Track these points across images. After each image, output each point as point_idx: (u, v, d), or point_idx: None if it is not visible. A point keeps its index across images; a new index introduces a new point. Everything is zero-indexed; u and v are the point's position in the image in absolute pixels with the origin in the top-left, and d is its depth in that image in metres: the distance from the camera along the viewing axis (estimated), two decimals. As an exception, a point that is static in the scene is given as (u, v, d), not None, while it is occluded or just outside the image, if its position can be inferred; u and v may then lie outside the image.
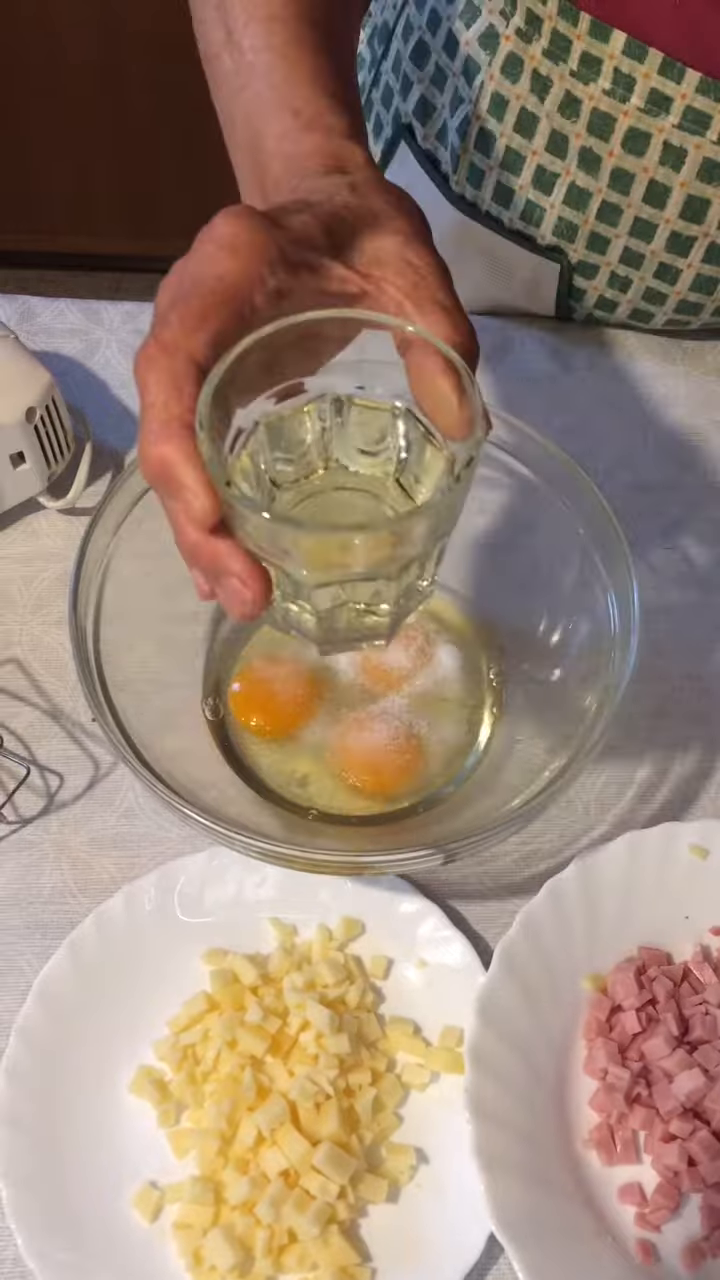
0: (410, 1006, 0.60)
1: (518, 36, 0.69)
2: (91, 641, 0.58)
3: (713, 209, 0.70)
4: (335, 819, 0.63)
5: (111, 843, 0.64)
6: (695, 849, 0.62)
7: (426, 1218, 0.54)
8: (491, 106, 0.73)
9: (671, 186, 0.70)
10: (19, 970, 0.60)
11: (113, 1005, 0.59)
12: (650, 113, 0.67)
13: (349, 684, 0.65)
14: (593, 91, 0.68)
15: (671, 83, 0.65)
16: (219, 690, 0.66)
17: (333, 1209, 0.53)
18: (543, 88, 0.70)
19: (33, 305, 0.84)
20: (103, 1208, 0.54)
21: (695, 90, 0.65)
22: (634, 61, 0.66)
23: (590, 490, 0.62)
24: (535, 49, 0.69)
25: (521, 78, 0.71)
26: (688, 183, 0.69)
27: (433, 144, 0.80)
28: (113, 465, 0.76)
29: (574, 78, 0.68)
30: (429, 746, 0.64)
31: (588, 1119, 0.57)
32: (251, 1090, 0.55)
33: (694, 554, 0.75)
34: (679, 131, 0.67)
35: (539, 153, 0.73)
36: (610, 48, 0.66)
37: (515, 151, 0.74)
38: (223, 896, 0.61)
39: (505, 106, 0.72)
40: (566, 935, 0.60)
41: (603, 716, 0.57)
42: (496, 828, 0.54)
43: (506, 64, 0.71)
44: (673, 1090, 0.56)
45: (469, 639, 0.68)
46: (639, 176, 0.70)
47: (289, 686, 0.65)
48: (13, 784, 0.65)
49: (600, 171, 0.71)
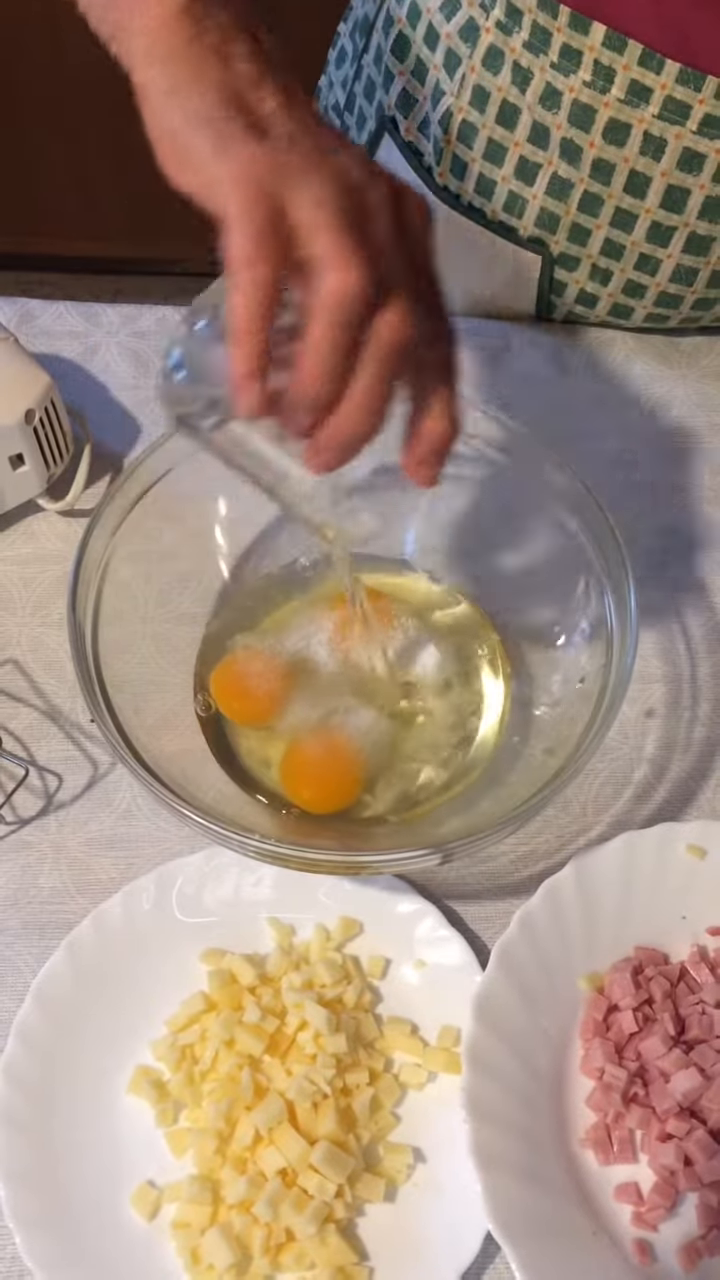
0: (408, 1006, 0.60)
1: (498, 29, 0.70)
2: (90, 643, 0.59)
3: (692, 198, 0.71)
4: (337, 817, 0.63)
5: (109, 843, 0.64)
6: (692, 849, 0.62)
7: (424, 1217, 0.55)
8: (473, 98, 0.73)
9: (652, 176, 0.71)
10: (17, 970, 0.61)
11: (111, 1005, 0.59)
12: (630, 104, 0.68)
13: (329, 675, 0.66)
14: (573, 83, 0.69)
15: (651, 73, 0.66)
16: (207, 686, 0.66)
17: (330, 1208, 0.53)
18: (523, 80, 0.71)
19: (32, 308, 0.84)
20: (101, 1207, 0.54)
21: (675, 80, 0.66)
22: (614, 53, 0.66)
23: (587, 493, 0.62)
24: (516, 41, 0.69)
25: (502, 70, 0.71)
26: (668, 172, 0.70)
27: (415, 136, 0.80)
28: (111, 467, 0.77)
29: (554, 70, 0.69)
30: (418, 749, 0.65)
31: (584, 1118, 0.57)
32: (249, 1090, 0.56)
33: (691, 556, 0.75)
34: (659, 122, 0.68)
35: (520, 144, 0.73)
36: (590, 40, 0.66)
37: (497, 143, 0.74)
38: (221, 896, 0.62)
39: (487, 98, 0.73)
40: (564, 935, 0.60)
41: (600, 717, 0.57)
42: (494, 828, 0.55)
43: (487, 56, 0.71)
44: (669, 1090, 0.56)
45: (469, 636, 0.68)
46: (619, 166, 0.71)
47: (268, 675, 0.65)
48: (11, 784, 0.65)
49: (581, 162, 0.72)
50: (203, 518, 0.69)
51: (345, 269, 0.41)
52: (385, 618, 0.67)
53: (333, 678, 0.66)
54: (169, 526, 0.66)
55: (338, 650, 0.66)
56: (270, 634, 0.67)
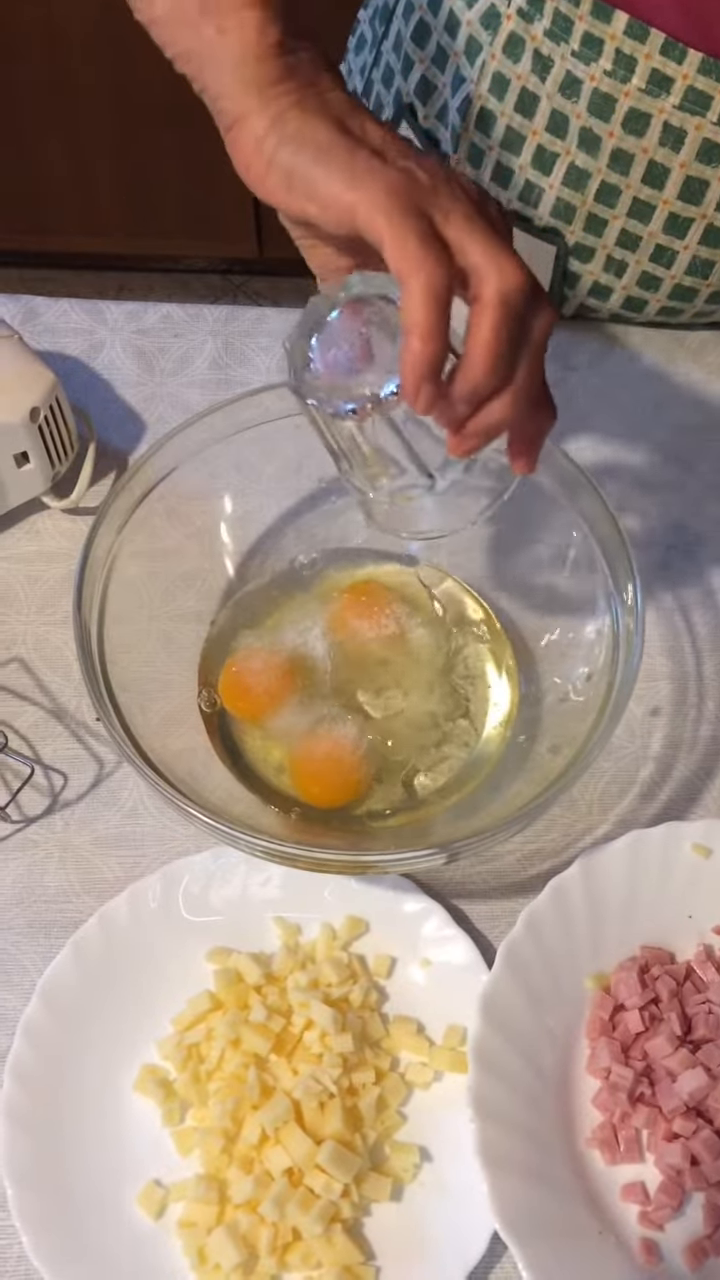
0: (413, 1005, 0.60)
1: (519, 16, 0.70)
2: (96, 641, 0.59)
3: (711, 190, 0.71)
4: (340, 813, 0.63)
5: (115, 842, 0.64)
6: (698, 848, 0.62)
7: (430, 1216, 0.54)
8: (492, 86, 0.73)
9: (671, 167, 0.70)
10: (23, 969, 0.61)
11: (117, 1004, 0.59)
12: (651, 93, 0.68)
13: (334, 672, 0.66)
14: (594, 72, 0.68)
15: (673, 63, 0.66)
16: (212, 681, 0.66)
17: (337, 1207, 0.53)
18: (544, 68, 0.70)
19: (36, 305, 0.84)
20: (107, 1206, 0.54)
21: (697, 71, 0.66)
22: (635, 42, 0.66)
23: (593, 490, 0.62)
24: (537, 29, 0.69)
25: (523, 58, 0.71)
26: (687, 163, 0.70)
27: (433, 123, 0.80)
28: (116, 465, 0.77)
29: (575, 58, 0.69)
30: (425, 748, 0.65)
31: (591, 1118, 0.57)
32: (255, 1089, 0.56)
33: (697, 552, 0.75)
34: (679, 112, 0.68)
35: (539, 133, 0.73)
36: (612, 28, 0.66)
37: (515, 131, 0.74)
38: (227, 896, 0.62)
39: (506, 86, 0.73)
40: (569, 934, 0.60)
41: (606, 716, 0.57)
42: (500, 827, 0.55)
43: (508, 44, 0.71)
44: (675, 1089, 0.56)
45: (474, 634, 0.68)
46: (638, 157, 0.71)
47: (273, 671, 0.65)
48: (17, 783, 0.65)
49: (600, 152, 0.72)
50: (208, 516, 0.69)
51: (510, 271, 0.45)
52: (389, 612, 0.67)
53: (337, 674, 0.66)
54: (174, 524, 0.66)
55: (342, 647, 0.66)
56: (275, 631, 0.67)
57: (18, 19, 1.63)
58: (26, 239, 1.98)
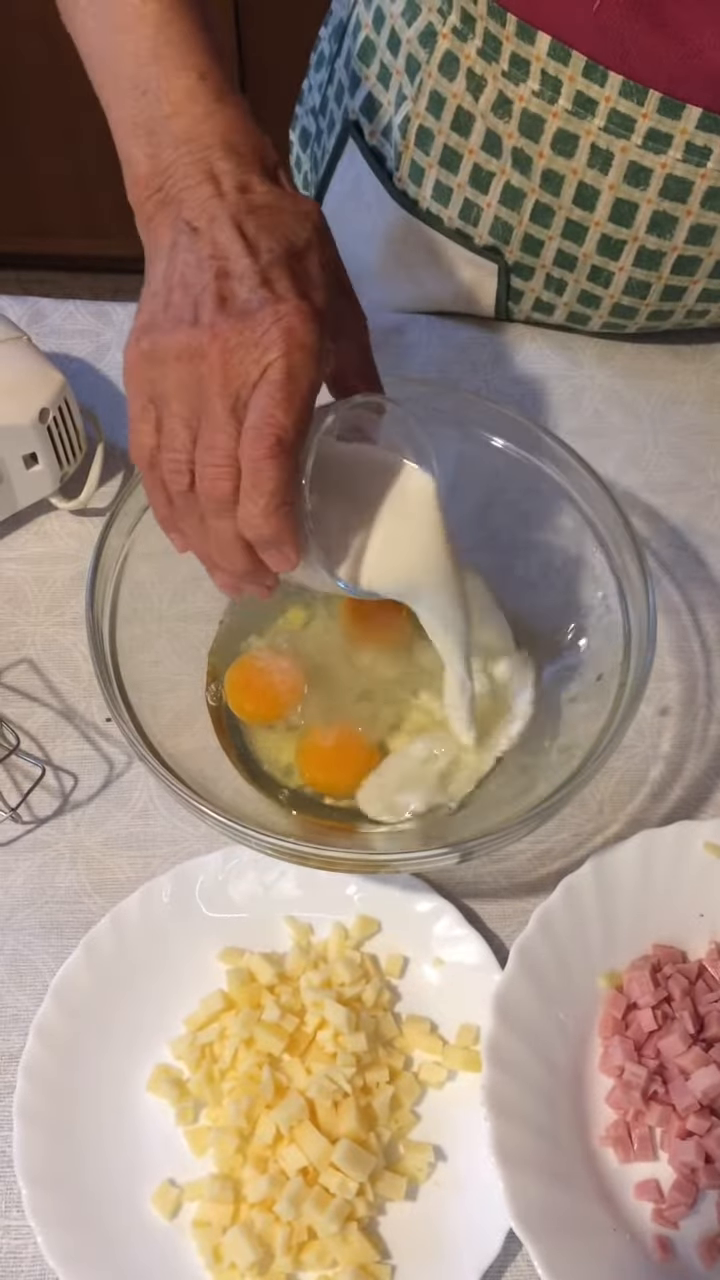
0: (427, 1005, 0.60)
1: (454, 35, 0.69)
2: (108, 642, 0.59)
3: (640, 213, 0.70)
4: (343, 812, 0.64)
5: (126, 842, 0.64)
6: (710, 847, 0.62)
7: (445, 1215, 0.55)
8: (430, 104, 0.73)
9: (600, 189, 0.70)
10: (36, 970, 0.61)
11: (130, 1004, 0.59)
12: (578, 115, 0.67)
13: (340, 673, 0.66)
14: (523, 92, 0.68)
15: (595, 85, 0.65)
16: (220, 677, 0.66)
17: (352, 1206, 0.54)
18: (477, 87, 0.70)
19: (43, 307, 0.84)
20: (121, 1205, 0.54)
21: (618, 94, 0.65)
22: (559, 64, 0.65)
23: (603, 491, 0.62)
24: (470, 48, 0.69)
25: (458, 76, 0.70)
26: (616, 185, 0.69)
27: (379, 140, 0.80)
28: (124, 466, 0.77)
29: (505, 78, 0.68)
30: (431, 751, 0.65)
31: (604, 1116, 0.57)
32: (269, 1088, 0.56)
33: (705, 553, 0.75)
34: (605, 134, 0.67)
35: (475, 151, 0.73)
36: (536, 49, 0.66)
37: (453, 150, 0.74)
38: (239, 895, 0.62)
39: (443, 105, 0.72)
40: (582, 933, 0.60)
41: (618, 716, 0.57)
42: (511, 827, 0.55)
43: (444, 62, 0.71)
44: (689, 1087, 0.56)
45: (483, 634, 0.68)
46: (569, 178, 0.70)
47: (279, 675, 0.65)
48: (28, 784, 0.65)
49: (532, 172, 0.71)
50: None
51: None
52: (397, 613, 0.67)
53: (345, 675, 0.66)
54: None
55: (349, 647, 0.66)
56: (281, 633, 0.67)
57: (15, 21, 1.63)
58: (25, 241, 1.98)
